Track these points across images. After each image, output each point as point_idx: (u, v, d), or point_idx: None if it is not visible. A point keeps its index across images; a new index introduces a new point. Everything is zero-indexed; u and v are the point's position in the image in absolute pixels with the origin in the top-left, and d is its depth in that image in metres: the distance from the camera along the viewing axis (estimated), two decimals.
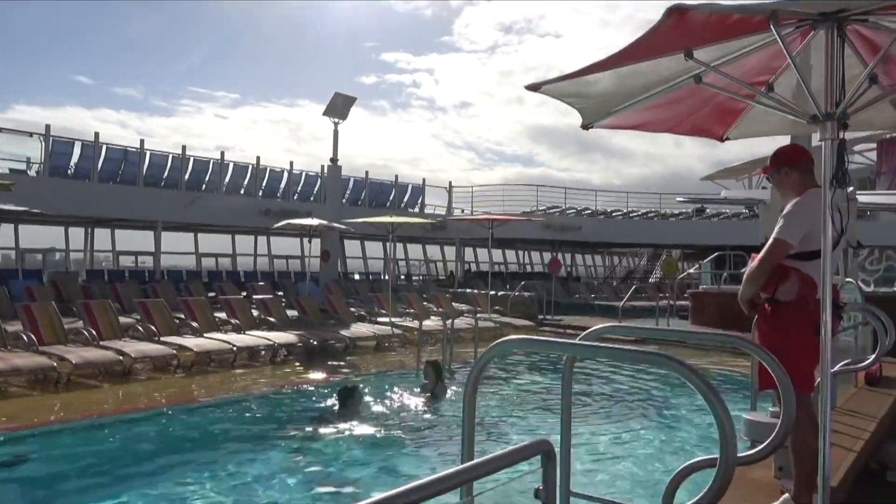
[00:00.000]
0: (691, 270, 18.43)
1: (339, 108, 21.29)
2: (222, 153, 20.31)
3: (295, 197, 22.20)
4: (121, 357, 8.76)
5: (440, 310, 13.89)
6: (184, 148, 19.39)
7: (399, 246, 26.35)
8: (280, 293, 17.47)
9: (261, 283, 16.99)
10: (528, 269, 31.38)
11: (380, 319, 13.33)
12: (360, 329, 12.13)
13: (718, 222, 26.88)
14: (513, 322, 14.57)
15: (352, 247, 26.43)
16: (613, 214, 27.34)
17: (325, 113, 21.48)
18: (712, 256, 17.17)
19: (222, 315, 11.65)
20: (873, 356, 5.58)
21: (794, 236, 3.22)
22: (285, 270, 24.70)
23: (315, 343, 11.00)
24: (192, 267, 23.10)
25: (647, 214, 27.35)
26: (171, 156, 19.27)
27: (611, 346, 2.65)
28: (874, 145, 29.93)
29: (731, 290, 15.53)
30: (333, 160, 21.50)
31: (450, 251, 27.03)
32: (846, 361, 6.19)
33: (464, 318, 13.58)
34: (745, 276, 3.36)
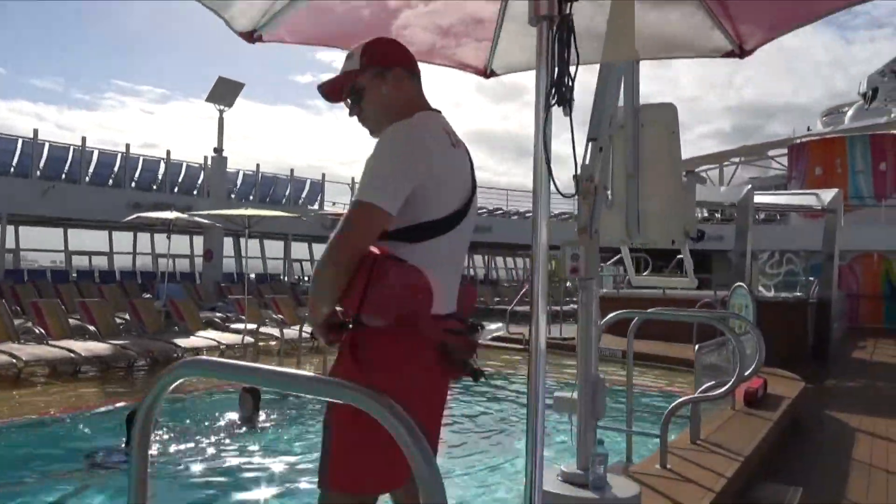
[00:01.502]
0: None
1: (223, 94, 19.42)
2: (83, 138, 18.09)
3: (175, 190, 20.15)
4: None
5: (278, 316, 12.21)
6: (35, 132, 17.10)
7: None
8: (148, 295, 16.01)
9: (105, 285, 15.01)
10: None
11: (234, 326, 11.66)
12: (197, 340, 10.40)
13: None
14: None
15: (275, 248, 24.57)
16: (528, 215, 26.30)
17: (209, 99, 19.56)
18: (615, 258, 16.15)
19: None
20: (733, 380, 4.36)
21: (392, 197, 1.73)
22: (171, 271, 22.65)
23: (135, 354, 9.24)
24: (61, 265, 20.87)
25: (561, 216, 26.45)
26: (20, 140, 16.96)
27: None
28: (786, 150, 30.16)
29: (635, 295, 14.54)
30: (217, 150, 19.59)
31: None
32: (709, 384, 4.96)
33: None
34: (311, 280, 1.88)
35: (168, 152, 19.49)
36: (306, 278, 25.09)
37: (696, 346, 5.02)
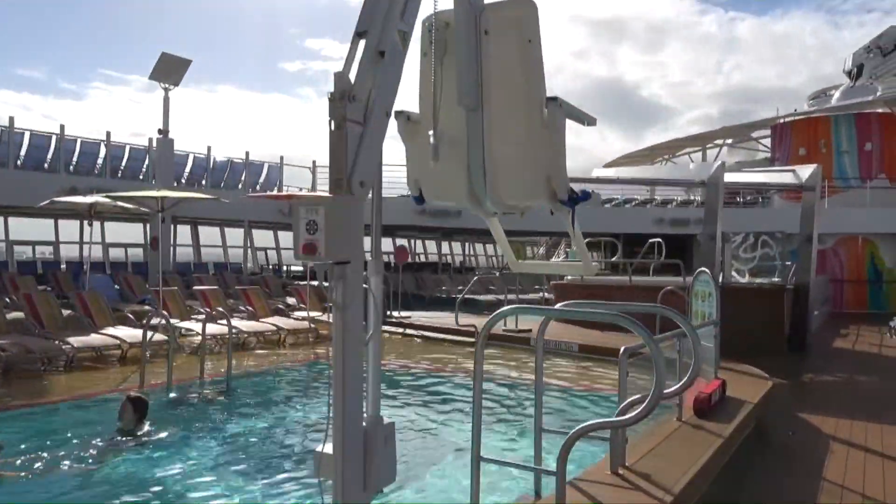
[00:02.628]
0: (557, 259, 16.26)
1: (168, 71, 18.13)
2: (11, 118, 16.75)
3: (119, 175, 18.87)
4: None
5: (210, 311, 11.04)
6: None
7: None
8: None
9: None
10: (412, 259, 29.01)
11: (154, 322, 10.50)
12: (94, 338, 9.23)
13: (611, 209, 25.21)
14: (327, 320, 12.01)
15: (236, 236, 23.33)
16: None
17: (153, 77, 18.27)
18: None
19: None
20: (650, 396, 3.27)
21: None
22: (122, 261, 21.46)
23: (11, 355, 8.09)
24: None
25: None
26: None
27: None
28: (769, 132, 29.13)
29: (598, 283, 13.49)
30: (163, 132, 18.31)
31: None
32: (634, 398, 3.88)
33: (241, 319, 10.94)
34: None
35: (108, 134, 18.18)
36: (271, 267, 23.94)
37: (622, 349, 3.94)
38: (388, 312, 14.26)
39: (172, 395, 7.46)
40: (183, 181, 19.75)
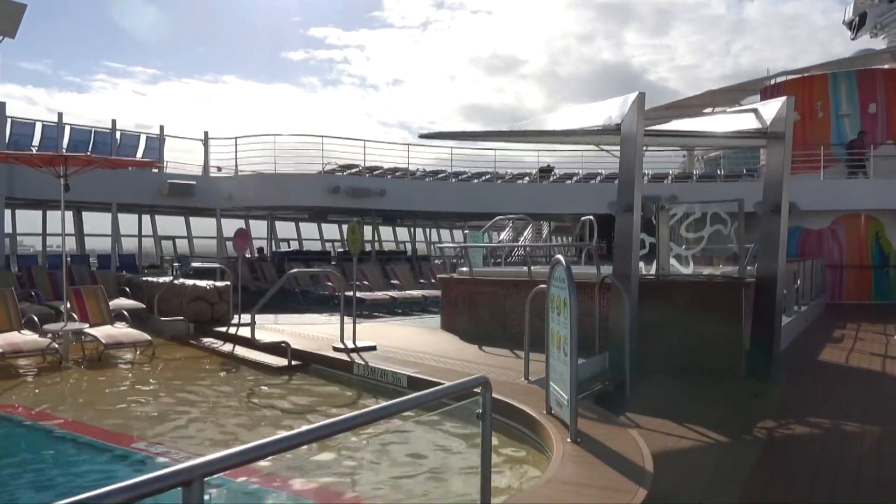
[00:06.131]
0: (447, 246, 12.60)
1: None
2: None
3: None
4: None
5: None
6: None
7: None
8: None
9: None
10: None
11: None
12: None
13: (571, 185, 21.55)
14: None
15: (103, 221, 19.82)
16: (440, 176, 21.54)
17: None
18: (489, 224, 11.45)
19: None
20: None
21: None
22: None
23: None
24: None
25: (485, 176, 21.72)
26: None
27: None
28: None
29: (492, 277, 9.92)
30: None
31: (204, 224, 20.57)
32: None
33: None
34: None
35: None
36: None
37: None
38: (238, 317, 10.70)
39: None
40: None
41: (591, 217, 10.99)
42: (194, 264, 13.94)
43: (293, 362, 7.71)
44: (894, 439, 5.47)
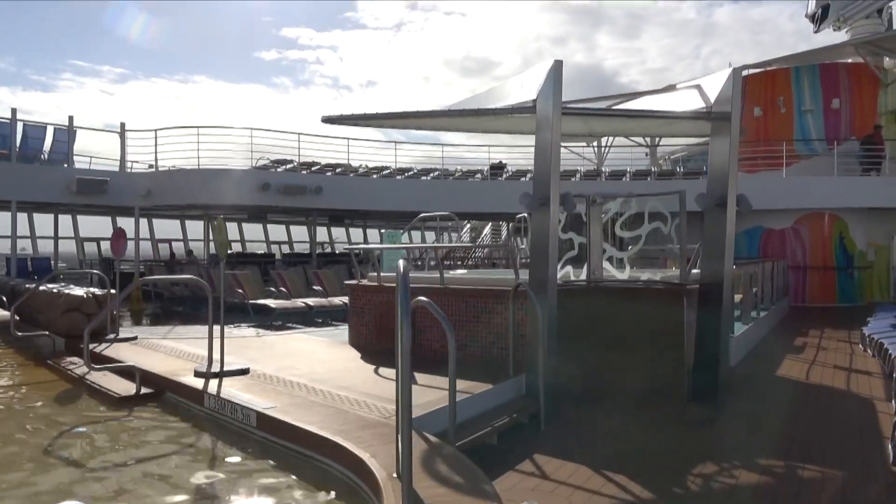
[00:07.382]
0: (372, 246, 11.25)
1: None
2: None
3: None
4: None
5: None
6: None
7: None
8: None
9: None
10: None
11: None
12: None
13: (526, 183, 20.33)
14: None
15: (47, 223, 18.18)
16: (385, 173, 20.20)
17: None
18: (409, 225, 10.17)
19: None
20: None
21: None
22: None
23: None
24: None
25: (432, 173, 20.44)
26: None
27: None
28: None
29: (410, 284, 8.62)
30: None
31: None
32: None
33: None
34: None
35: None
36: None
37: None
38: (114, 335, 9.24)
39: None
40: None
41: (527, 215, 9.77)
42: (69, 270, 12.39)
43: (144, 390, 6.32)
44: (860, 491, 4.29)
